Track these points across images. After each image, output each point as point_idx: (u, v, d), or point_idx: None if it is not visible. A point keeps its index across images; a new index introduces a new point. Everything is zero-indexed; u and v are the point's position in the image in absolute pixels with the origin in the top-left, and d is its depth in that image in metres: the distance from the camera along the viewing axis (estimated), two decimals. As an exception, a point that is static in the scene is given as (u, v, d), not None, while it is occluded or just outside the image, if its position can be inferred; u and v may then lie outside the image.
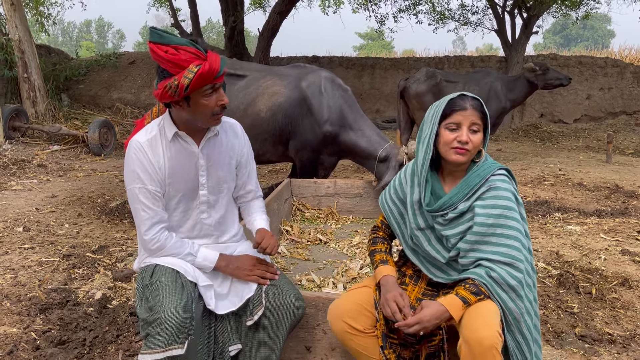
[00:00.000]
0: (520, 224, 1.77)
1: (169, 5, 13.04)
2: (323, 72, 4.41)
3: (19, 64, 10.16)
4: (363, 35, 51.29)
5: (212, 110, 1.84)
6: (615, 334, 2.72)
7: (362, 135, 4.20)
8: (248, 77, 4.53)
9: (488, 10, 13.99)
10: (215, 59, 1.79)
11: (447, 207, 1.82)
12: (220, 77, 1.82)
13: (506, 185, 1.79)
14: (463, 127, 1.79)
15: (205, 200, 1.99)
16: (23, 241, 4.07)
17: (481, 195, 1.79)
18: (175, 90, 1.75)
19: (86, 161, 8.06)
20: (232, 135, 2.09)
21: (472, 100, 1.81)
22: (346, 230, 3.95)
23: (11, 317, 2.81)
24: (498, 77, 8.04)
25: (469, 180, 1.81)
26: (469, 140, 1.78)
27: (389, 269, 1.93)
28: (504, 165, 1.86)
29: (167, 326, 1.65)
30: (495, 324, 1.62)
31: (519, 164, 8.35)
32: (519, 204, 1.81)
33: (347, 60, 14.25)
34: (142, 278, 1.86)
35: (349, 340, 1.87)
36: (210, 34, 48.44)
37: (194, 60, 1.76)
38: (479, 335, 1.59)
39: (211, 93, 1.82)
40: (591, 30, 53.33)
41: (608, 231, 4.52)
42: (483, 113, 1.81)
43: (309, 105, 4.24)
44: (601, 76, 13.24)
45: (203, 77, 1.76)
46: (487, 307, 1.68)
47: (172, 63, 1.75)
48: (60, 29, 58.77)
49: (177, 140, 1.92)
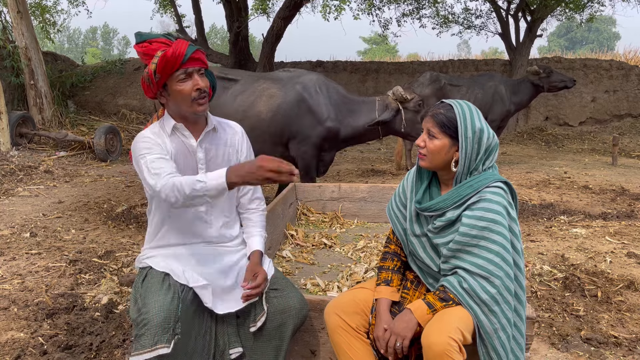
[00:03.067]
0: (506, 240, 1.73)
1: (173, 11, 13.11)
2: (312, 74, 4.73)
3: (26, 71, 10.23)
4: (367, 40, 51.33)
5: (191, 96, 1.90)
6: (621, 337, 2.71)
7: (358, 117, 4.59)
8: (241, 81, 4.69)
9: (492, 14, 13.99)
10: (180, 44, 1.87)
11: (433, 210, 1.84)
12: (190, 62, 1.88)
13: (497, 199, 1.75)
14: (424, 132, 1.86)
15: None
16: (30, 247, 4.10)
17: (470, 206, 1.78)
18: (148, 79, 1.87)
19: (92, 167, 8.11)
20: (231, 133, 2.14)
21: (441, 108, 1.84)
22: (351, 234, 3.95)
23: (19, 322, 2.83)
24: (502, 80, 8.04)
25: (460, 190, 1.81)
26: (424, 145, 1.84)
27: (387, 291, 1.93)
28: (503, 178, 1.83)
29: (150, 326, 1.67)
30: (450, 330, 1.61)
31: (524, 167, 8.33)
32: (511, 218, 1.78)
33: (351, 65, 14.28)
34: (136, 281, 1.91)
35: (339, 336, 1.88)
36: (215, 40, 48.63)
37: (161, 48, 1.86)
38: (430, 340, 1.62)
39: (185, 78, 1.89)
40: (596, 33, 53.18)
41: (614, 234, 4.51)
42: (440, 122, 1.81)
43: (308, 106, 4.51)
44: (606, 79, 13.21)
45: (167, 60, 1.84)
46: (449, 313, 1.69)
47: (147, 55, 1.87)
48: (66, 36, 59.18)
49: (176, 134, 1.98)
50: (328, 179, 7.03)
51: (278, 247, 3.57)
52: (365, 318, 1.91)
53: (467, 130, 1.78)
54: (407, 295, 1.95)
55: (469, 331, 1.67)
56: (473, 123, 1.78)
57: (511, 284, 1.73)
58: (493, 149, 1.84)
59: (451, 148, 1.82)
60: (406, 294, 1.95)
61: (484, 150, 1.81)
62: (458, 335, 1.61)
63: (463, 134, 1.78)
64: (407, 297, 1.94)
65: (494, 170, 1.86)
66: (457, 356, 1.58)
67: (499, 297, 1.69)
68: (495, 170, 1.86)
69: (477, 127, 1.78)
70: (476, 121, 1.79)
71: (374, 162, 8.95)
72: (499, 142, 1.88)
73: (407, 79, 12.73)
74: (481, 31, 14.60)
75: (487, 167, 1.83)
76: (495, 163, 1.89)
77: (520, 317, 1.78)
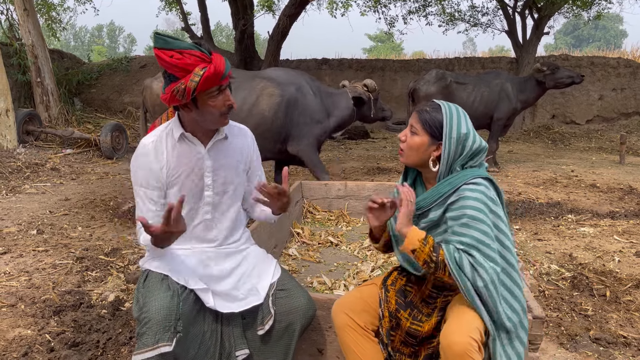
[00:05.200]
0: (485, 235, 1.68)
1: (179, 9, 13.12)
2: (298, 72, 5.21)
3: (32, 69, 10.26)
4: (373, 37, 51.18)
5: (220, 111, 1.87)
6: (630, 337, 2.69)
7: (339, 108, 5.15)
8: (238, 79, 4.85)
9: (498, 11, 13.92)
10: (220, 61, 1.81)
11: (416, 209, 1.83)
12: (225, 78, 1.84)
13: (475, 195, 1.72)
14: (407, 127, 1.86)
15: (210, 202, 2.00)
16: (37, 244, 4.12)
17: (450, 206, 1.77)
18: (183, 94, 1.78)
19: (98, 164, 8.13)
20: (241, 139, 2.10)
21: (428, 106, 1.84)
22: (357, 232, 3.95)
23: (26, 319, 2.84)
24: (508, 78, 7.99)
25: (439, 188, 1.80)
26: (404, 139, 1.85)
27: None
28: (484, 174, 1.80)
29: (152, 324, 1.67)
30: (470, 330, 1.60)
31: (530, 165, 8.29)
32: (495, 215, 1.73)
33: (356, 62, 14.24)
34: (139, 281, 1.92)
35: (347, 335, 1.87)
36: (220, 38, 48.64)
37: (199, 64, 1.78)
38: (450, 340, 1.60)
39: (217, 94, 1.84)
40: (603, 31, 52.82)
41: (622, 233, 4.48)
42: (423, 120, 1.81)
43: (305, 105, 4.94)
44: (614, 76, 13.12)
45: (209, 80, 1.78)
46: (467, 313, 1.67)
47: (178, 67, 1.77)
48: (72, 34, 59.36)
49: (184, 141, 1.95)
50: (334, 177, 7.01)
51: (284, 245, 3.57)
52: (374, 315, 1.90)
53: (452, 130, 1.78)
54: (411, 289, 1.93)
55: (483, 330, 1.66)
56: (459, 125, 1.79)
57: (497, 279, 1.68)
58: (478, 153, 1.82)
59: (430, 146, 1.82)
60: (411, 287, 1.94)
61: (467, 153, 1.80)
62: (477, 335, 1.60)
63: (447, 133, 1.78)
64: (411, 290, 1.93)
65: (480, 168, 1.84)
66: (477, 356, 1.58)
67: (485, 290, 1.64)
68: (481, 169, 1.84)
69: (462, 129, 1.78)
70: (462, 124, 1.80)
71: (380, 160, 8.93)
72: (487, 148, 1.85)
73: (412, 76, 12.68)
74: (487, 29, 14.52)
75: (469, 166, 1.82)
76: (483, 163, 1.87)
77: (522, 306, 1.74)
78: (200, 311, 1.88)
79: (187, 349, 1.81)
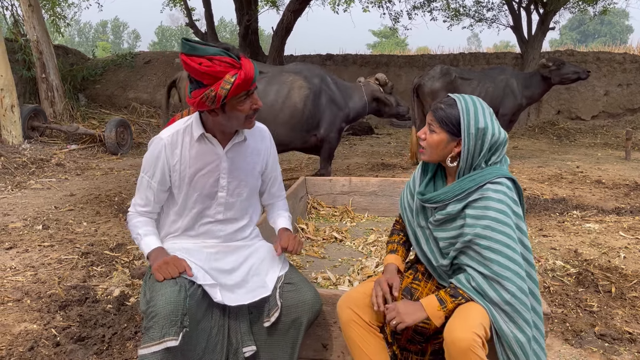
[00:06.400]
0: (510, 239, 1.68)
1: (183, 5, 13.12)
2: (316, 67, 5.45)
3: (37, 65, 10.29)
4: (377, 33, 51.07)
5: (246, 114, 1.86)
6: (636, 333, 2.68)
7: (355, 100, 5.41)
8: (268, 74, 5.10)
9: (504, 7, 13.85)
10: (249, 66, 1.78)
11: (435, 202, 1.84)
12: (254, 82, 1.82)
13: (499, 196, 1.71)
14: (426, 125, 1.85)
15: (222, 202, 2.01)
16: (43, 239, 4.13)
17: (472, 203, 1.76)
18: (213, 100, 1.75)
19: (103, 160, 8.16)
20: (259, 140, 2.10)
21: (443, 103, 1.83)
22: (361, 228, 3.94)
23: (32, 314, 2.86)
24: (513, 74, 7.95)
25: (462, 183, 1.79)
26: (424, 138, 1.85)
27: (393, 257, 2.00)
28: (508, 174, 1.78)
29: (158, 318, 1.68)
30: (474, 326, 1.60)
31: (535, 161, 8.26)
32: (517, 216, 1.73)
33: (361, 58, 14.21)
34: (146, 275, 1.93)
35: (352, 330, 1.87)
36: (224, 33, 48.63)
37: (229, 70, 1.74)
38: (454, 336, 1.60)
39: (246, 99, 1.83)
40: (609, 26, 52.51)
41: (628, 229, 4.45)
42: (439, 118, 1.81)
43: (329, 96, 5.22)
44: (619, 72, 13.04)
45: (240, 87, 1.76)
46: (471, 309, 1.67)
47: (208, 75, 1.73)
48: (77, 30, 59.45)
49: (202, 141, 1.94)
50: (338, 173, 7.01)
51: (289, 241, 3.56)
52: (378, 311, 1.90)
53: (470, 126, 1.75)
54: (417, 286, 1.94)
55: (488, 326, 1.65)
56: (477, 119, 1.75)
57: (524, 284, 1.68)
58: (499, 146, 1.79)
59: (449, 143, 1.80)
60: (417, 284, 1.94)
61: (487, 148, 1.77)
62: (481, 331, 1.60)
63: (466, 129, 1.76)
64: (418, 288, 1.93)
65: (503, 165, 1.82)
66: (481, 352, 1.57)
67: (514, 300, 1.65)
68: (504, 165, 1.83)
69: (480, 123, 1.75)
70: (480, 118, 1.76)
71: (384, 156, 8.91)
72: (507, 137, 1.83)
73: (417, 72, 12.63)
74: (492, 24, 14.46)
75: (492, 162, 1.80)
76: (505, 157, 1.86)
77: (538, 315, 1.75)
78: (208, 307, 1.88)
79: (195, 345, 1.82)
